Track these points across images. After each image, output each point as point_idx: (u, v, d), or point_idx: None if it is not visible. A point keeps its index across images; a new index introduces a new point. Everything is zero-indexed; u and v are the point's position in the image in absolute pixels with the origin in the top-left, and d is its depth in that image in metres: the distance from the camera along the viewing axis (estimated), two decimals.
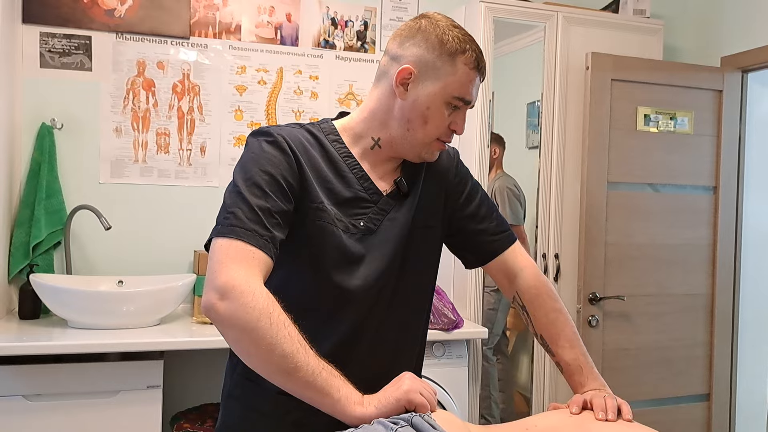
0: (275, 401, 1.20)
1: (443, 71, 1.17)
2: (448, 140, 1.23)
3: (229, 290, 1.03)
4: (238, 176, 1.15)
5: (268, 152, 1.15)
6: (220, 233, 1.09)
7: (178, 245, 2.68)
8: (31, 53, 2.53)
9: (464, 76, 1.17)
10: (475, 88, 1.20)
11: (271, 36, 2.81)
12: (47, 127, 2.50)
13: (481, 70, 1.19)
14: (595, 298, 2.72)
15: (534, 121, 3.06)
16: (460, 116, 1.21)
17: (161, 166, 2.69)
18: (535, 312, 1.35)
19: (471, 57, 1.17)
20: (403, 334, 1.30)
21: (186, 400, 2.58)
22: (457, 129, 1.22)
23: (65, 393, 2.08)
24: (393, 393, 1.05)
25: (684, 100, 2.85)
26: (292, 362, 1.01)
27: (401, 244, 1.25)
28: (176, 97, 2.70)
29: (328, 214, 1.18)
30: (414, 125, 1.20)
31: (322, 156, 1.21)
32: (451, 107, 1.19)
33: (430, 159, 1.25)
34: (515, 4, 2.76)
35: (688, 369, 2.91)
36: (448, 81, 1.17)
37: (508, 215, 3.17)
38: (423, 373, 2.42)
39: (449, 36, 1.17)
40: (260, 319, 1.02)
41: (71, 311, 2.23)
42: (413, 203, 1.28)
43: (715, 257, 2.92)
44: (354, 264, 1.20)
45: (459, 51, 1.16)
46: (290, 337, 1.02)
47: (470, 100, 1.20)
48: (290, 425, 1.22)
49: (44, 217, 2.45)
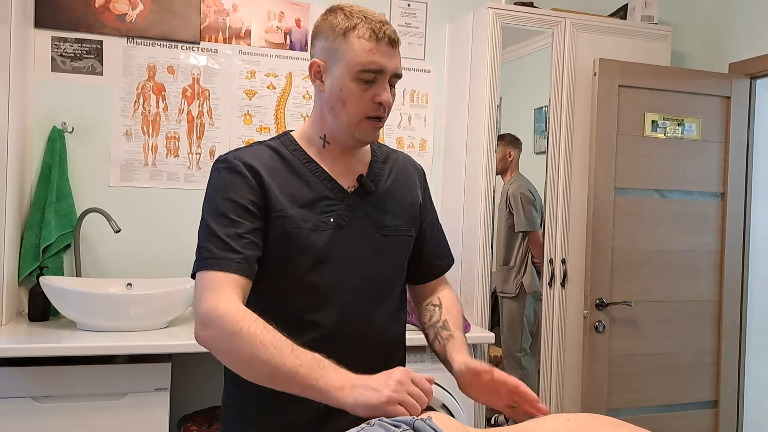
0: (261, 407, 1.26)
1: (341, 51, 1.22)
2: (377, 114, 1.25)
3: (206, 318, 1.14)
4: (205, 210, 1.26)
5: (227, 179, 1.25)
6: (197, 267, 1.21)
7: (187, 248, 2.67)
8: (43, 57, 2.55)
9: (360, 47, 1.21)
10: (384, 56, 1.22)
11: (281, 41, 2.83)
12: (58, 131, 2.52)
13: (382, 38, 1.22)
14: (601, 304, 2.72)
15: (541, 126, 3.06)
16: (380, 87, 1.23)
17: (171, 170, 2.70)
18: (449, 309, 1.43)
19: (363, 29, 1.22)
20: (383, 329, 1.35)
21: (193, 402, 2.59)
22: (381, 99, 1.23)
23: (73, 395, 2.09)
24: (374, 396, 1.04)
25: (692, 107, 2.85)
26: (271, 367, 1.07)
27: (373, 241, 1.31)
28: (186, 102, 2.72)
29: (291, 220, 1.24)
30: (337, 110, 1.25)
31: (284, 166, 1.28)
32: (362, 82, 1.22)
33: (368, 139, 1.28)
34: (523, 11, 2.76)
35: (695, 375, 2.90)
36: (347, 57, 1.21)
37: (522, 222, 3.15)
38: None
39: (339, 19, 1.24)
40: (233, 338, 1.10)
41: (80, 313, 2.24)
42: (384, 205, 1.35)
43: (722, 263, 2.92)
44: (326, 260, 1.26)
45: (349, 28, 1.22)
46: (263, 345, 1.08)
47: (379, 68, 1.22)
48: (281, 428, 1.26)
49: (54, 220, 2.47)
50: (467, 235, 2.78)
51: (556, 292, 2.79)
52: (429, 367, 2.44)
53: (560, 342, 2.79)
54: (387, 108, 1.25)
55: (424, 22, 3.02)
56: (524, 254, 3.17)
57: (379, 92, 1.23)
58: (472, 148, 2.79)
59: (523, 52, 3.05)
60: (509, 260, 3.19)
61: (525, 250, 3.18)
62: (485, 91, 2.69)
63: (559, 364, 2.79)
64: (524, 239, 3.19)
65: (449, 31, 3.04)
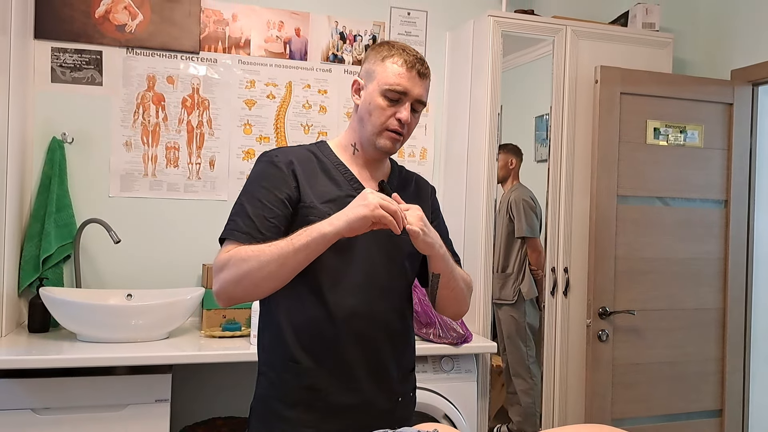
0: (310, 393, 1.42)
1: (376, 72, 1.45)
2: (396, 128, 1.44)
3: (218, 267, 1.36)
4: (242, 193, 1.44)
5: (266, 170, 1.44)
6: (223, 235, 1.40)
7: (187, 259, 2.69)
8: (42, 68, 2.55)
9: (392, 71, 1.42)
10: (410, 82, 1.42)
11: (280, 51, 2.83)
12: (58, 141, 2.52)
13: (412, 67, 1.42)
14: (605, 313, 2.70)
15: (542, 134, 3.06)
16: (403, 107, 1.43)
17: (170, 180, 2.70)
18: None
19: (398, 58, 1.43)
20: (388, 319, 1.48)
21: (194, 413, 2.58)
22: (401, 116, 1.42)
23: (74, 406, 2.08)
24: (360, 211, 1.27)
25: (694, 114, 2.84)
26: (275, 256, 1.30)
27: (386, 237, 1.41)
28: (186, 112, 2.71)
29: (318, 211, 1.40)
30: (365, 120, 1.46)
31: (318, 166, 1.48)
32: (388, 99, 1.43)
33: (387, 148, 1.45)
34: (524, 18, 2.76)
35: (700, 384, 2.87)
36: (380, 77, 1.43)
37: (523, 228, 3.15)
38: (432, 388, 2.43)
39: (383, 48, 1.47)
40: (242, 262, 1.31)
41: (80, 324, 2.23)
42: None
43: (726, 271, 2.90)
44: (344, 249, 1.40)
45: (387, 56, 1.44)
46: (265, 250, 1.31)
47: (404, 90, 1.42)
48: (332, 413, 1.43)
49: (54, 231, 2.46)
50: (468, 244, 2.77)
51: (558, 300, 2.77)
52: (431, 377, 2.42)
53: (563, 351, 2.77)
54: (407, 126, 1.45)
55: (425, 30, 3.02)
56: (522, 261, 3.17)
57: (401, 111, 1.43)
58: (473, 156, 2.78)
59: (524, 60, 3.05)
60: (507, 267, 3.18)
61: (523, 257, 3.17)
62: (486, 99, 2.68)
63: (562, 373, 2.77)
64: (522, 246, 3.18)
65: (450, 40, 3.03)
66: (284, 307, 1.43)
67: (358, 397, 1.43)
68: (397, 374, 1.50)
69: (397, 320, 1.50)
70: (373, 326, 1.44)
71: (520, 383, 3.18)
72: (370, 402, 1.44)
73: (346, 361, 1.42)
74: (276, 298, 1.41)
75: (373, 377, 1.44)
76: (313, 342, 1.41)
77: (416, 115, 1.46)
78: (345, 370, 1.42)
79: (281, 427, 1.42)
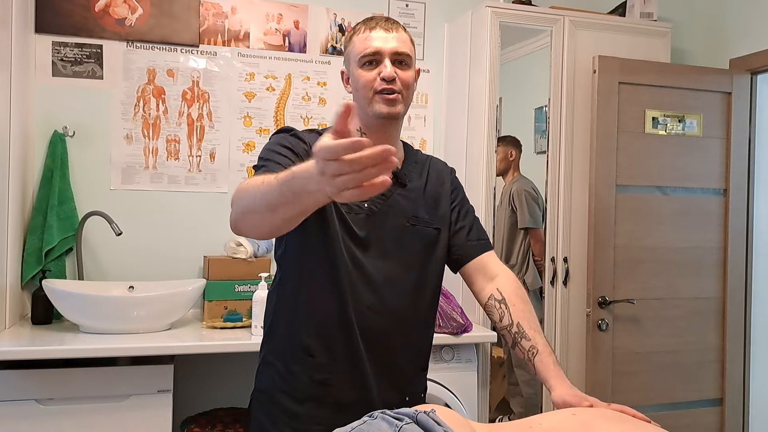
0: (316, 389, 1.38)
1: (350, 53, 1.42)
2: (383, 87, 1.37)
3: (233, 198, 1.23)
4: (263, 151, 1.37)
5: (287, 138, 1.39)
6: (253, 169, 1.35)
7: (188, 251, 2.70)
8: (43, 62, 2.56)
9: (359, 41, 1.40)
10: (378, 41, 1.37)
11: (280, 43, 2.84)
12: (59, 135, 2.54)
13: (375, 27, 1.38)
14: (604, 302, 2.71)
15: (542, 126, 3.06)
16: (382, 66, 1.37)
17: (171, 173, 2.71)
18: (515, 303, 1.46)
19: (360, 26, 1.41)
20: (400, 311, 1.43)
21: (196, 404, 2.59)
22: (383, 75, 1.36)
23: (77, 397, 2.10)
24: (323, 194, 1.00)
25: (692, 103, 2.84)
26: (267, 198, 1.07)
27: (401, 228, 1.40)
28: (186, 104, 2.73)
29: None
30: (357, 98, 1.41)
31: None
32: (366, 65, 1.38)
33: (383, 111, 1.37)
34: (521, 9, 2.76)
35: (700, 373, 2.88)
36: (353, 54, 1.40)
37: (526, 218, 3.16)
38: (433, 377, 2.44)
39: (350, 33, 1.44)
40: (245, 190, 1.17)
41: (83, 316, 2.25)
42: (416, 198, 1.46)
43: (726, 260, 2.91)
44: (357, 239, 1.37)
45: (353, 34, 1.42)
46: (256, 185, 1.11)
47: (375, 51, 1.37)
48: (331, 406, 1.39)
49: (56, 224, 2.48)
50: None
51: (558, 290, 2.78)
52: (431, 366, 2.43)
53: (563, 340, 2.78)
54: (399, 82, 1.37)
55: (423, 22, 3.02)
56: (526, 252, 3.17)
57: (381, 70, 1.37)
58: (472, 148, 2.79)
59: (523, 52, 3.05)
60: (510, 258, 3.19)
61: (526, 248, 3.18)
62: (485, 89, 2.69)
63: (563, 362, 2.78)
64: (525, 237, 3.19)
65: (448, 31, 3.04)
66: (303, 298, 1.39)
67: (369, 394, 1.39)
68: (410, 372, 1.47)
69: (414, 318, 1.46)
70: (388, 323, 1.40)
71: (522, 374, 3.19)
72: (380, 399, 1.39)
73: (360, 358, 1.38)
74: (295, 288, 1.39)
75: (386, 376, 1.42)
76: (329, 336, 1.37)
77: (405, 68, 1.39)
78: (359, 367, 1.39)
79: (290, 423, 1.38)
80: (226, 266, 2.50)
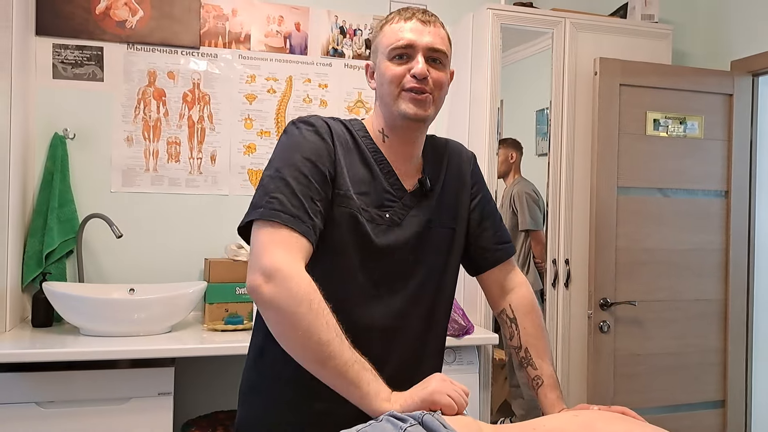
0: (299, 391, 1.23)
1: (379, 43, 1.28)
2: (412, 85, 1.23)
3: (274, 273, 1.06)
4: (280, 161, 1.18)
5: (309, 140, 1.21)
6: (263, 216, 1.12)
7: (189, 253, 2.70)
8: (44, 64, 2.56)
9: (391, 31, 1.26)
10: (413, 32, 1.24)
11: (281, 45, 2.84)
12: (60, 137, 2.53)
13: (411, 17, 1.25)
14: (606, 304, 2.70)
15: (543, 128, 3.06)
16: (414, 61, 1.24)
17: (172, 175, 2.71)
18: (525, 326, 1.39)
19: (394, 16, 1.27)
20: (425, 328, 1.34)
21: (197, 407, 2.59)
22: (415, 72, 1.23)
23: (77, 400, 2.09)
24: (419, 393, 1.06)
25: (694, 105, 2.84)
26: (327, 350, 1.04)
27: (417, 238, 1.29)
28: (187, 107, 2.72)
29: (354, 202, 1.22)
30: (382, 94, 1.27)
31: (355, 148, 1.27)
32: (396, 59, 1.24)
33: (409, 111, 1.24)
34: (522, 11, 2.76)
35: (702, 375, 2.88)
36: (383, 45, 1.26)
37: (527, 221, 3.16)
38: None
39: (382, 20, 1.31)
40: (301, 304, 1.04)
41: (83, 319, 2.24)
42: (433, 201, 1.34)
43: (727, 262, 2.90)
44: (376, 252, 1.24)
45: (385, 23, 1.29)
46: (327, 325, 1.05)
47: (408, 43, 1.23)
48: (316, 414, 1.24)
49: (57, 226, 2.47)
50: None
51: (559, 292, 2.78)
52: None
53: (564, 343, 2.78)
54: (430, 81, 1.24)
55: None
56: (527, 254, 3.17)
57: (412, 65, 1.23)
58: (473, 150, 2.77)
59: (524, 54, 3.05)
60: None
61: (527, 250, 3.17)
62: (486, 91, 2.69)
63: (564, 364, 2.77)
64: (526, 239, 3.18)
65: (449, 33, 3.03)
66: None
67: None
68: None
69: (426, 331, 1.34)
70: (399, 338, 1.28)
71: (524, 376, 3.19)
72: None
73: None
74: None
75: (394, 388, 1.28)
76: None
77: (440, 66, 1.26)
78: None
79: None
80: (227, 269, 2.49)
